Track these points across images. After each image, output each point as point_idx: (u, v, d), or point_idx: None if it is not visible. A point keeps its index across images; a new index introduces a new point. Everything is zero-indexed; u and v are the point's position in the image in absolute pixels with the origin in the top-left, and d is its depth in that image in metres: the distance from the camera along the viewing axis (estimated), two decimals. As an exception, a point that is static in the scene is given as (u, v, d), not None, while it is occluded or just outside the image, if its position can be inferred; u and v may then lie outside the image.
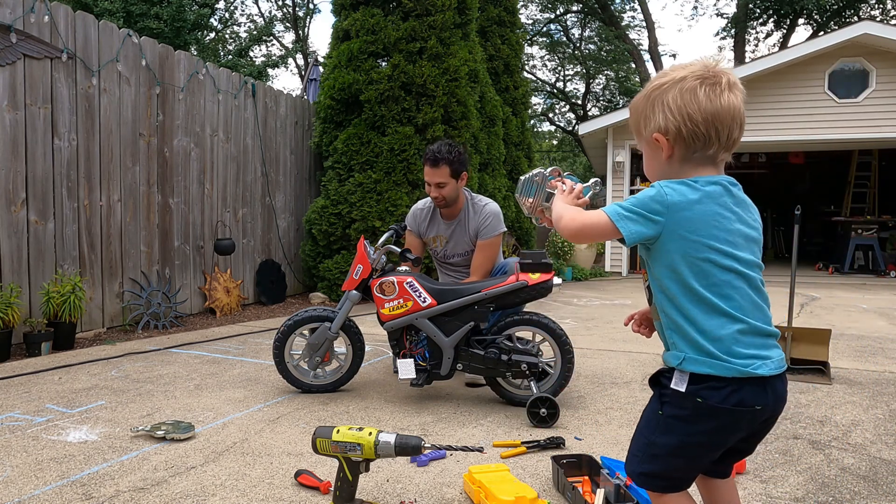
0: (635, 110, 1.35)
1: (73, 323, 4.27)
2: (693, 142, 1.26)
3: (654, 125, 1.29)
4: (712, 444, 1.27)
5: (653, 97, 1.30)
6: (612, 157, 10.87)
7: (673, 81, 1.27)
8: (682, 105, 1.25)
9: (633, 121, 1.37)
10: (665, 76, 1.30)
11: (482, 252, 3.36)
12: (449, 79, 6.71)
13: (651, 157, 1.35)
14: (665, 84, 1.28)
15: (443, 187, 3.31)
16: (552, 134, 30.75)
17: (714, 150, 1.27)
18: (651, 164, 1.36)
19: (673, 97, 1.26)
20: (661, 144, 1.29)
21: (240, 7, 24.67)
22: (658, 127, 1.28)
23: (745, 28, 21.05)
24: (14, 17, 4.12)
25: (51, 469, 2.17)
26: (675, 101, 1.26)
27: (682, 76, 1.27)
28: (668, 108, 1.26)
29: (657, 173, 1.34)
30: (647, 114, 1.31)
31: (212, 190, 5.99)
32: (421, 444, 1.75)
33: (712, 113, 1.25)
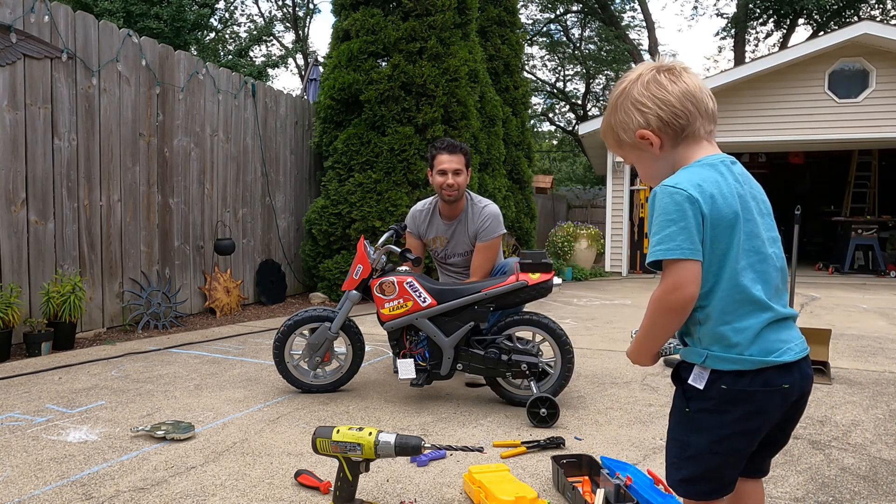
0: (609, 127, 1.34)
1: (73, 323, 4.26)
2: (676, 121, 1.26)
3: (635, 124, 1.28)
4: (746, 432, 1.23)
5: (619, 104, 1.31)
6: (612, 156, 10.87)
7: (631, 82, 1.29)
8: (650, 95, 1.26)
9: (612, 138, 1.35)
10: (621, 83, 1.32)
11: (481, 254, 3.35)
12: (449, 79, 6.71)
13: (644, 160, 1.33)
14: (625, 88, 1.30)
15: (459, 175, 3.31)
16: (552, 134, 30.76)
17: (698, 123, 1.27)
18: (647, 167, 1.34)
19: (639, 92, 1.27)
20: (649, 139, 1.28)
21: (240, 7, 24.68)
22: (638, 124, 1.28)
23: (745, 28, 21.05)
24: (14, 17, 4.12)
25: (51, 469, 2.17)
26: (642, 94, 1.27)
27: (638, 73, 1.30)
28: (640, 104, 1.27)
29: (656, 172, 1.32)
30: (622, 119, 1.30)
31: (212, 190, 5.99)
32: (421, 444, 1.75)
33: (681, 91, 1.26)
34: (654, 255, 1.20)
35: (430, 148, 3.45)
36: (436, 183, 3.36)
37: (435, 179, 3.36)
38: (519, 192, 9.34)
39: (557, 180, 26.26)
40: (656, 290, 1.22)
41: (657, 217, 1.21)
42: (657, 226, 1.20)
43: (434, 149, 3.39)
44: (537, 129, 28.10)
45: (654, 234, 1.21)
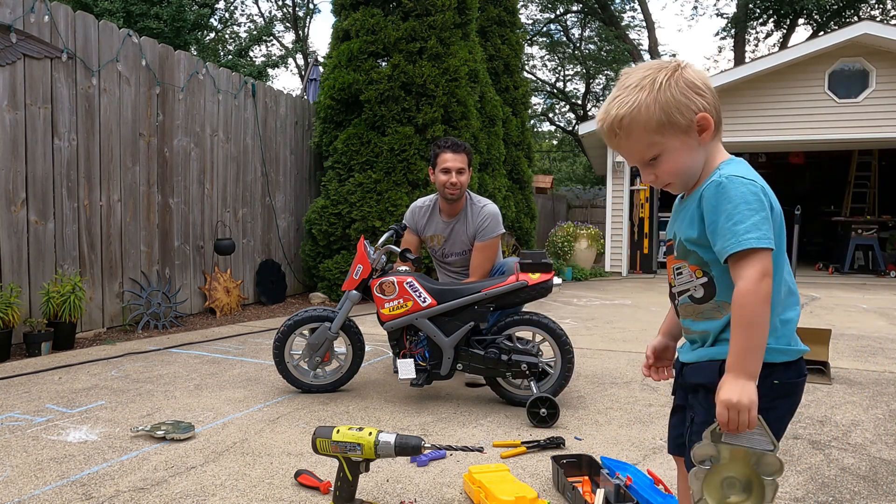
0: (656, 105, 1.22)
1: (73, 323, 4.26)
2: (719, 112, 1.26)
3: (697, 105, 1.22)
4: (786, 424, 1.25)
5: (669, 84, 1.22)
6: (613, 156, 10.87)
7: (672, 67, 1.24)
8: (703, 81, 1.23)
9: (655, 119, 1.22)
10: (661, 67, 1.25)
11: (480, 253, 3.35)
12: (449, 79, 6.71)
13: (685, 148, 1.25)
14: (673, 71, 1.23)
15: (462, 174, 3.33)
16: (552, 134, 30.76)
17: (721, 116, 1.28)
18: (685, 157, 1.25)
19: (692, 76, 1.23)
20: (708, 124, 1.23)
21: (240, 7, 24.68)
22: (702, 106, 1.22)
23: (745, 28, 21.05)
24: (14, 17, 4.12)
25: (51, 469, 2.17)
26: (697, 78, 1.23)
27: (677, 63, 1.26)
28: (696, 87, 1.22)
29: (691, 164, 1.26)
30: (680, 99, 1.21)
31: (212, 190, 5.99)
32: (421, 444, 1.75)
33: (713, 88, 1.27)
34: (747, 242, 1.14)
35: (433, 146, 3.46)
36: (438, 181, 3.36)
37: (438, 178, 3.36)
38: (519, 192, 9.34)
39: (557, 180, 26.25)
40: (742, 285, 1.15)
41: (737, 206, 1.16)
42: (740, 215, 1.16)
43: (437, 147, 3.41)
44: (537, 129, 28.10)
45: (739, 222, 1.16)
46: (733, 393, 1.13)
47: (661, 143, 1.24)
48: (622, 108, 1.24)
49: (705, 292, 1.27)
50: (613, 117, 1.25)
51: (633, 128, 1.24)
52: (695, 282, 1.29)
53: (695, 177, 1.28)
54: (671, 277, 1.35)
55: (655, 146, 1.25)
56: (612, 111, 1.25)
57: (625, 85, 1.25)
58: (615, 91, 1.27)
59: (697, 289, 1.28)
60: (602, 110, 1.29)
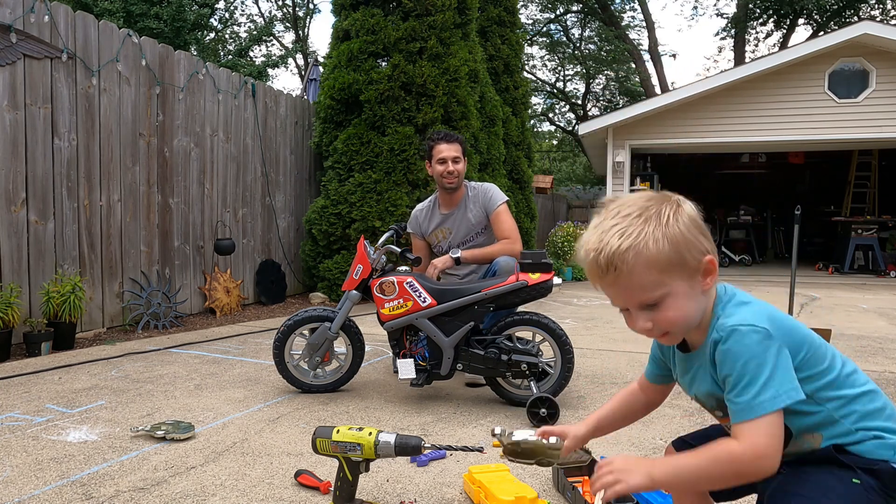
0: (670, 237, 1.06)
1: (73, 323, 4.26)
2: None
3: (704, 247, 1.10)
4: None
5: (677, 217, 1.09)
6: (612, 156, 10.87)
7: (675, 202, 1.12)
8: (699, 224, 1.12)
9: (670, 252, 1.06)
10: (662, 199, 1.12)
11: (500, 220, 3.40)
12: (449, 79, 6.71)
13: (688, 293, 1.10)
14: (676, 206, 1.11)
15: (458, 162, 3.40)
16: (552, 134, 30.75)
17: None
18: (687, 304, 1.11)
19: (693, 213, 1.12)
20: (713, 268, 1.11)
21: (240, 7, 24.67)
22: (707, 248, 1.11)
23: (745, 28, 21.06)
24: (14, 17, 4.12)
25: (51, 469, 2.17)
26: (698, 218, 1.12)
27: (676, 198, 1.14)
28: (701, 228, 1.11)
29: (693, 313, 1.12)
30: (688, 238, 1.08)
31: (212, 190, 5.99)
32: (421, 444, 1.75)
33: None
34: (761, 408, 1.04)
35: (427, 140, 3.54)
36: (436, 172, 3.43)
37: (435, 169, 3.43)
38: (519, 192, 9.34)
39: (557, 180, 26.25)
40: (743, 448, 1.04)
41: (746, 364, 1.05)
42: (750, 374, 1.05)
43: (431, 140, 3.49)
44: (537, 129, 28.09)
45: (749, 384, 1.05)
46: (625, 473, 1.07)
47: (666, 285, 1.08)
48: (625, 238, 1.05)
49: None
50: (613, 249, 1.06)
51: (636, 263, 1.05)
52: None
53: (692, 327, 1.16)
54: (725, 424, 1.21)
55: (660, 287, 1.08)
56: (610, 241, 1.06)
57: (623, 214, 1.09)
58: (609, 220, 1.09)
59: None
60: (592, 239, 1.10)
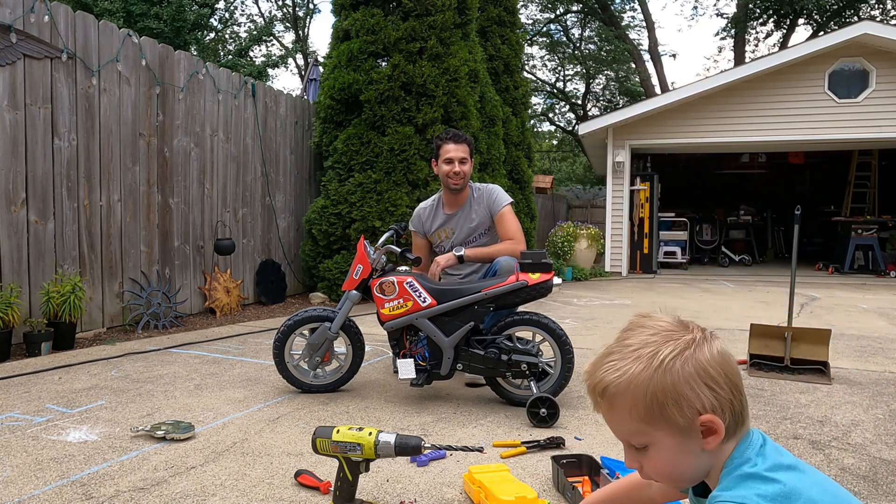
0: (654, 388, 0.94)
1: (73, 323, 4.26)
2: (739, 413, 0.97)
3: (704, 403, 0.94)
4: None
5: (680, 365, 0.94)
6: (613, 157, 10.87)
7: (688, 342, 0.97)
8: (723, 371, 0.95)
9: (649, 405, 0.94)
10: (671, 337, 0.97)
11: (505, 220, 3.42)
12: (449, 79, 6.71)
13: (678, 450, 0.97)
14: (685, 347, 0.96)
15: (465, 163, 3.41)
16: (552, 134, 30.75)
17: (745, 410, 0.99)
18: (676, 459, 0.98)
19: (709, 362, 0.95)
20: (716, 428, 0.94)
21: (240, 7, 24.68)
22: (710, 405, 0.94)
23: (745, 28, 21.05)
24: (14, 17, 4.12)
25: (51, 469, 2.17)
26: (715, 366, 0.95)
27: (694, 337, 0.98)
28: (711, 378, 0.94)
29: (686, 469, 0.99)
30: (682, 391, 0.93)
31: (212, 190, 5.99)
32: (421, 444, 1.75)
33: (737, 377, 0.98)
34: None
35: (435, 139, 3.54)
36: (442, 172, 3.44)
37: (441, 168, 3.44)
38: (519, 192, 9.34)
39: (557, 180, 26.26)
40: None
41: None
42: None
43: (439, 139, 3.49)
44: (537, 129, 28.09)
45: None
46: None
47: (648, 435, 0.98)
48: (611, 374, 0.98)
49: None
50: (598, 381, 1.00)
51: (616, 403, 0.98)
52: None
53: (696, 479, 1.02)
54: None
55: (642, 436, 0.99)
56: (599, 373, 1.00)
57: (624, 342, 1.00)
58: (614, 346, 1.01)
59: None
60: (592, 363, 1.03)
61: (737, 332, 5.06)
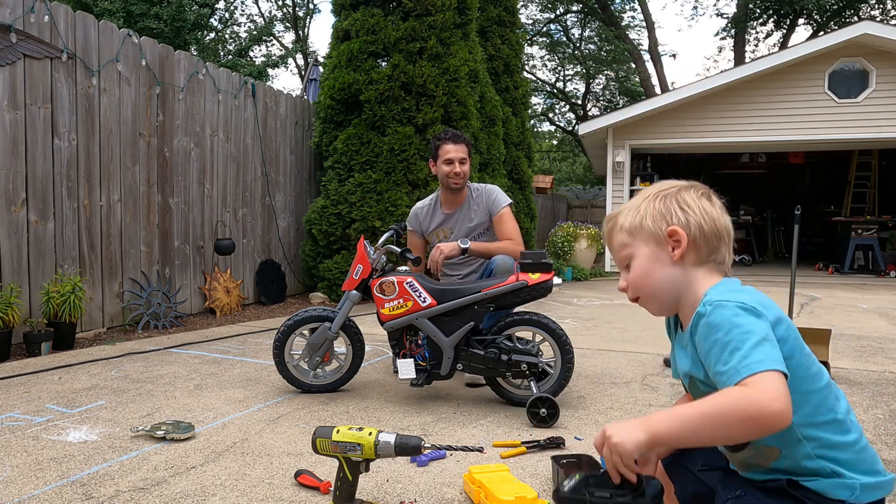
0: (636, 210, 1.23)
1: (73, 323, 4.26)
2: (712, 241, 1.19)
3: (673, 219, 1.20)
4: None
5: (662, 196, 1.22)
6: (613, 156, 10.87)
7: (681, 187, 1.24)
8: (699, 205, 1.20)
9: (630, 222, 1.23)
10: (673, 186, 1.24)
11: (503, 221, 3.43)
12: (449, 79, 6.71)
13: (653, 261, 1.21)
14: (673, 187, 1.24)
15: (464, 164, 3.42)
16: (552, 134, 30.75)
17: (723, 254, 1.21)
18: (651, 268, 1.22)
19: (690, 197, 1.21)
20: (679, 238, 1.18)
21: (240, 7, 24.68)
22: (678, 220, 1.19)
23: (745, 28, 21.06)
24: (14, 17, 4.12)
25: (51, 469, 2.17)
26: (693, 200, 1.21)
27: (689, 184, 1.25)
28: (686, 205, 1.20)
29: (659, 279, 1.21)
30: (660, 209, 1.21)
31: (212, 190, 5.99)
32: (421, 444, 1.75)
33: (717, 218, 1.20)
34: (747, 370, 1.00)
35: (434, 139, 3.54)
36: (441, 172, 3.44)
37: (441, 169, 3.44)
38: (519, 192, 9.35)
39: (557, 180, 26.26)
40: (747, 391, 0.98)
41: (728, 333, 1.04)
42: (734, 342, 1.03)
43: (438, 139, 3.49)
44: (537, 129, 28.09)
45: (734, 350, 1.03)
46: (621, 433, 1.01)
47: (630, 246, 1.24)
48: (616, 210, 1.29)
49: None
50: (607, 217, 1.31)
51: (613, 228, 1.28)
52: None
53: (669, 300, 1.22)
54: None
55: (626, 248, 1.25)
56: (610, 213, 1.31)
57: (641, 192, 1.29)
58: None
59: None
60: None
61: (737, 332, 5.05)
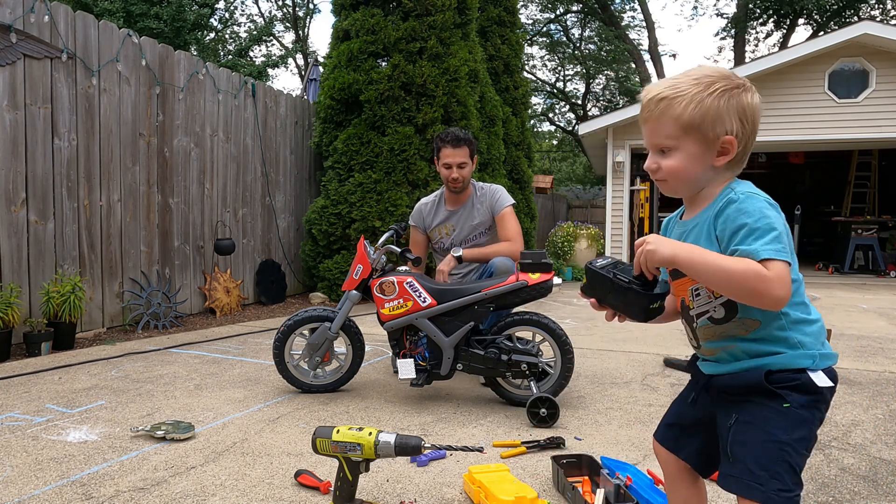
0: (703, 106, 1.21)
1: (73, 323, 4.26)
2: (748, 153, 1.26)
3: (729, 127, 1.22)
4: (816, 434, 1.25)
5: (728, 93, 1.22)
6: (612, 156, 10.87)
7: (743, 88, 1.24)
8: (753, 114, 1.23)
9: (694, 115, 1.21)
10: (728, 77, 1.24)
11: (505, 221, 3.44)
12: (449, 79, 6.70)
13: (695, 160, 1.24)
14: (736, 88, 1.23)
15: (464, 167, 3.42)
16: (552, 134, 30.76)
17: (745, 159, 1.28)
18: (691, 165, 1.25)
19: (748, 103, 1.23)
20: (730, 150, 1.23)
21: (240, 7, 24.68)
22: (736, 132, 1.22)
23: (745, 28, 21.06)
24: (14, 17, 4.12)
25: (51, 469, 2.17)
26: (751, 107, 1.23)
27: (743, 83, 1.24)
28: (744, 114, 1.22)
29: (694, 175, 1.26)
30: (720, 112, 1.21)
31: (212, 190, 5.99)
32: (421, 444, 1.75)
33: (758, 123, 1.26)
34: (766, 253, 1.13)
35: (436, 139, 3.54)
36: (442, 174, 3.48)
37: (441, 170, 3.48)
38: (519, 192, 9.35)
39: (557, 180, 26.27)
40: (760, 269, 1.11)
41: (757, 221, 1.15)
42: (760, 230, 1.14)
43: (439, 140, 3.48)
44: (537, 129, 28.10)
45: (758, 237, 1.14)
46: (656, 243, 1.18)
47: (679, 140, 1.24)
48: (669, 90, 1.24)
49: (726, 312, 1.23)
50: (656, 94, 1.25)
51: (667, 111, 1.23)
52: (714, 302, 1.25)
53: (691, 190, 1.28)
54: (688, 299, 1.30)
55: (674, 140, 1.24)
56: (658, 89, 1.26)
57: (688, 74, 1.26)
58: (680, 76, 1.27)
59: (717, 309, 1.24)
60: (653, 84, 1.29)
61: (737, 332, 5.05)
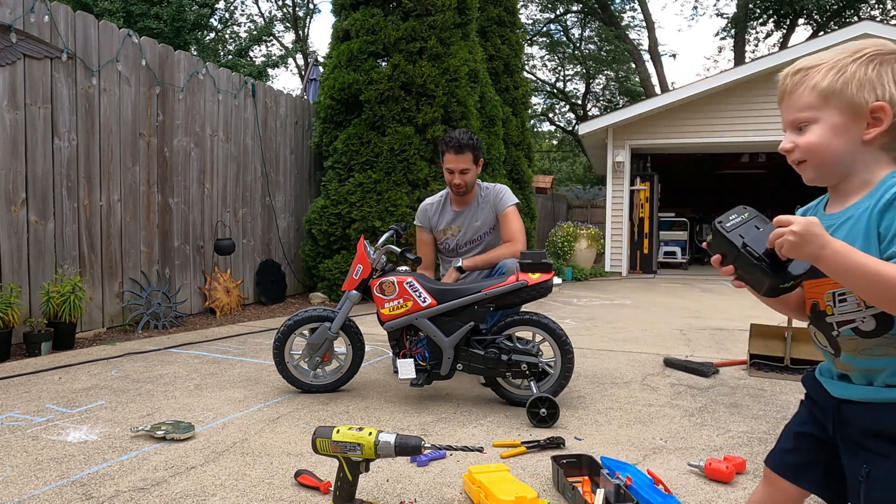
0: (847, 71, 1.05)
1: (73, 323, 4.26)
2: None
3: (881, 93, 1.03)
4: None
5: (879, 58, 1.04)
6: (612, 157, 10.87)
7: (893, 51, 1.06)
8: None
9: (834, 81, 1.05)
10: (882, 46, 1.07)
11: (508, 220, 3.44)
12: (449, 79, 6.71)
13: (839, 134, 1.06)
14: (890, 54, 1.06)
15: (466, 173, 3.42)
16: (552, 134, 30.76)
17: None
18: (832, 139, 1.06)
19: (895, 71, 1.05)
20: (882, 118, 1.03)
21: (240, 7, 24.68)
22: (889, 97, 1.03)
23: (745, 28, 21.07)
24: (14, 17, 4.12)
25: (51, 469, 2.17)
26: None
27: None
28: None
29: (836, 152, 1.07)
30: (872, 78, 1.03)
31: (212, 190, 5.99)
32: (421, 444, 1.75)
33: None
34: None
35: (440, 142, 3.54)
36: (445, 178, 3.49)
37: (445, 174, 3.49)
38: (519, 192, 9.34)
39: (557, 180, 26.26)
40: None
41: None
42: None
43: (444, 144, 3.47)
44: (537, 129, 28.10)
45: None
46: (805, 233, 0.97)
47: (816, 110, 1.07)
48: (808, 61, 1.11)
49: (878, 325, 1.04)
50: (793, 68, 1.13)
51: (801, 82, 1.10)
52: (864, 312, 1.05)
53: (835, 175, 1.10)
54: (823, 303, 1.12)
55: (810, 110, 1.08)
56: (798, 63, 1.13)
57: (835, 49, 1.11)
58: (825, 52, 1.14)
59: (867, 320, 1.05)
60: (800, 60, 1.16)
61: (737, 332, 5.06)
